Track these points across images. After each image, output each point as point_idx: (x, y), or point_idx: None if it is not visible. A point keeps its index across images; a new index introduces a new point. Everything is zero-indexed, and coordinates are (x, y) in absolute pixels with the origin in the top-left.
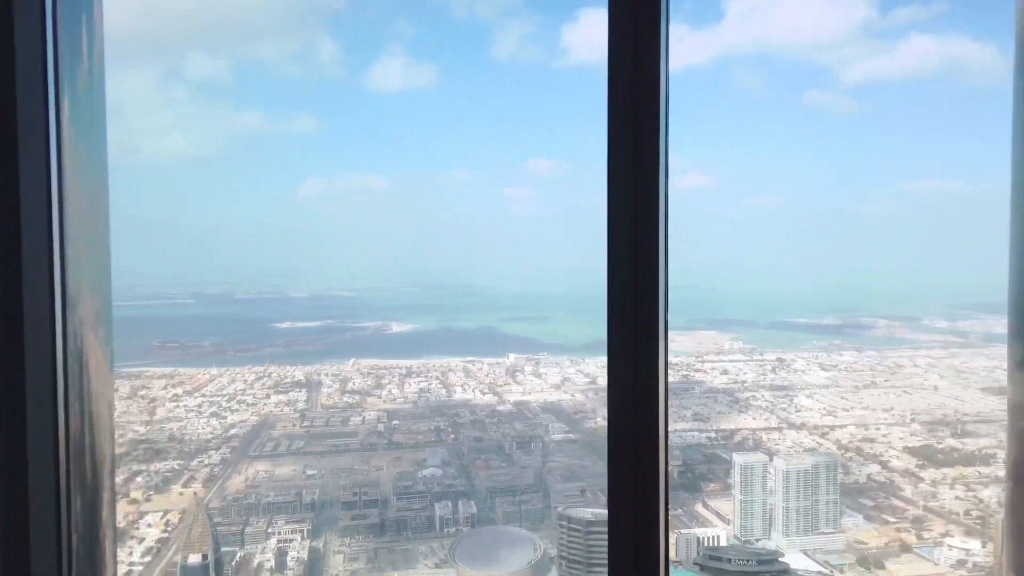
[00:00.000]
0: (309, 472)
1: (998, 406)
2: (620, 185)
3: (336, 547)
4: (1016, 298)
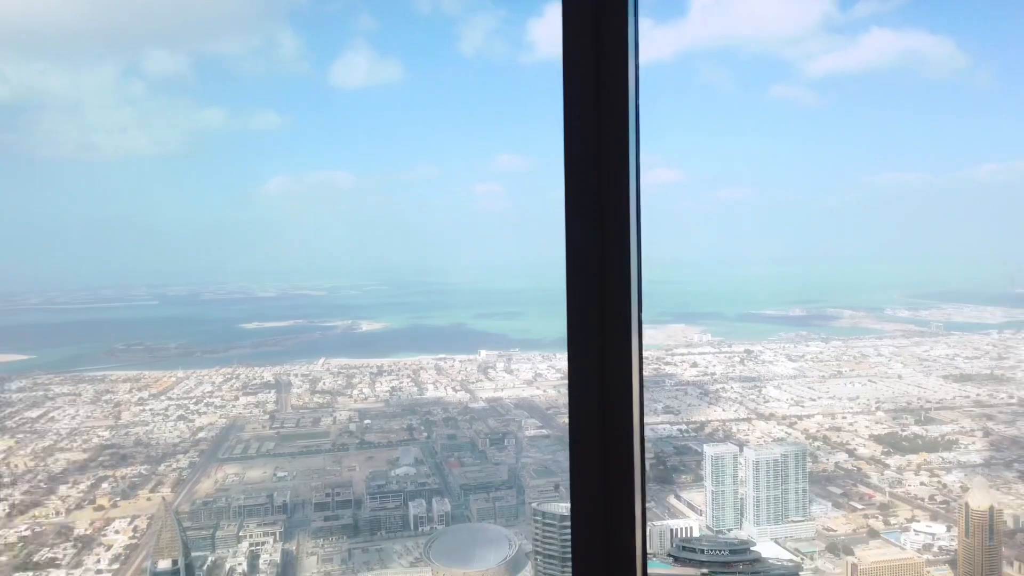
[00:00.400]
0: (280, 474)
1: (959, 393)
2: (579, 178)
3: (309, 549)
4: None
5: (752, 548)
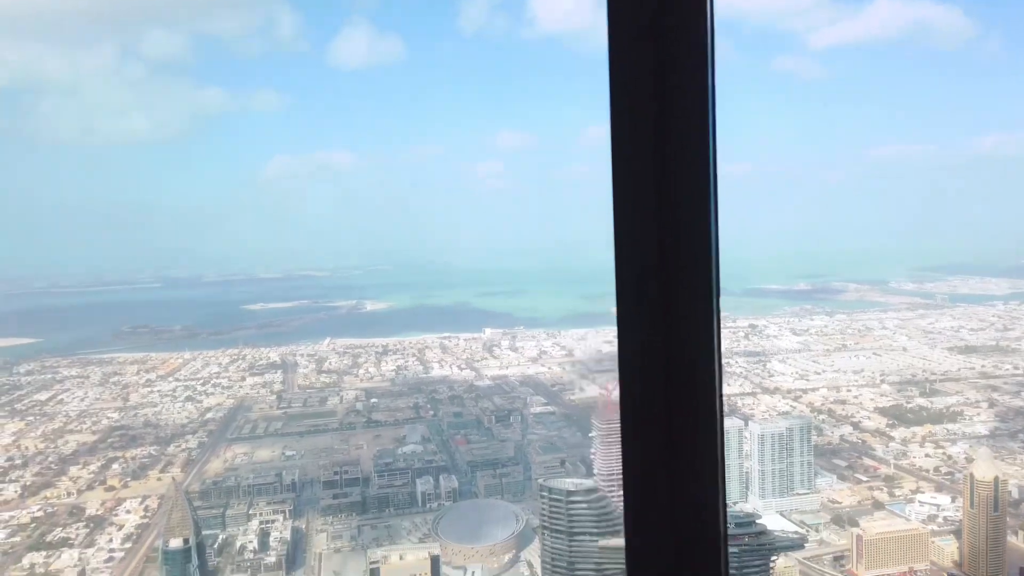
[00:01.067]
0: (288, 453)
1: (965, 364)
2: (635, 155)
3: (319, 526)
4: None
5: (757, 521)
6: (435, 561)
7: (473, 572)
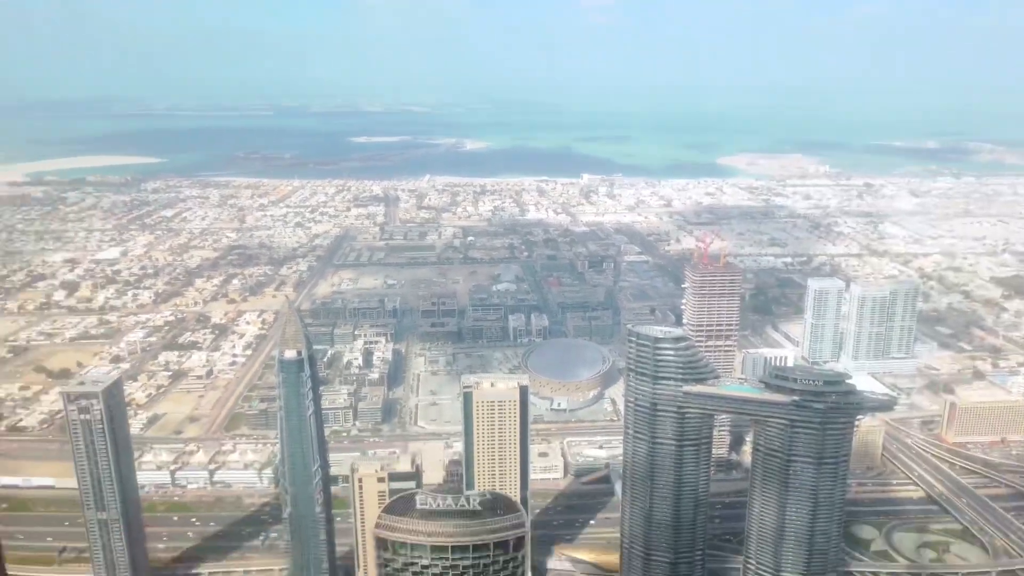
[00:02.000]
0: (390, 282)
1: None
2: None
3: (417, 351)
4: None
5: (847, 380)
6: (523, 391)
7: (559, 403)
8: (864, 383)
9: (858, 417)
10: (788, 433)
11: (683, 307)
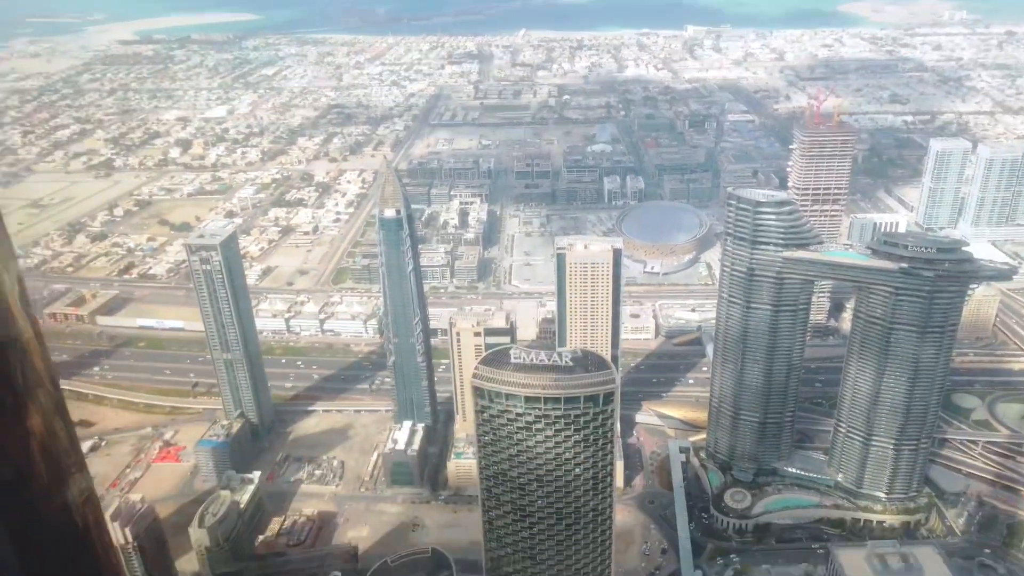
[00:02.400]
0: (484, 142)
1: None
2: None
3: (511, 212)
4: None
5: (964, 248)
6: (616, 253)
7: (652, 266)
8: (983, 251)
9: (971, 286)
10: (892, 301)
11: (789, 169)
